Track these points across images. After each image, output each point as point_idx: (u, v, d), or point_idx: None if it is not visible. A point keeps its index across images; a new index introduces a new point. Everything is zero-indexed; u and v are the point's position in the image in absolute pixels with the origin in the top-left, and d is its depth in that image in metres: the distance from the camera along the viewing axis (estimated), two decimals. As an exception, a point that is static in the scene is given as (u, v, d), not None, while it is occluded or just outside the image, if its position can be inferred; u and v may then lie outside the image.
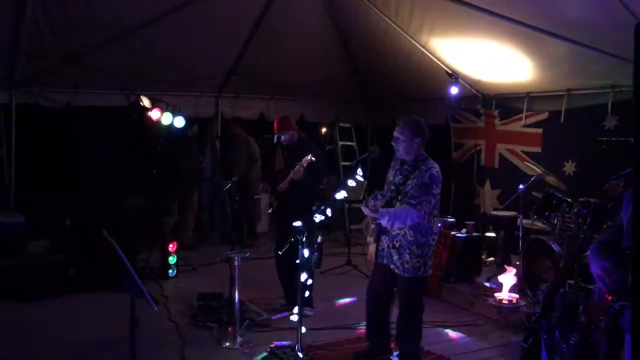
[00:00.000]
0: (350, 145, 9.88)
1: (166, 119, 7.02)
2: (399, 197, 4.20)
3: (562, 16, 5.54)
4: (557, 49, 6.14)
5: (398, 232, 4.20)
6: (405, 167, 4.28)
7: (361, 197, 4.72)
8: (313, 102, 9.79)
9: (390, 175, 4.42)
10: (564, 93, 6.98)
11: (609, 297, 3.11)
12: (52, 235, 7.09)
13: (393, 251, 4.22)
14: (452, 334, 5.52)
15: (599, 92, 6.54)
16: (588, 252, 4.04)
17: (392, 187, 4.30)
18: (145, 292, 3.52)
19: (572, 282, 4.69)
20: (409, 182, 4.17)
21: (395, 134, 4.29)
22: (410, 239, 4.15)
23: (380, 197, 4.37)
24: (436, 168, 4.21)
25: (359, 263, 7.46)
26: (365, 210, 4.21)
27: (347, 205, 8.84)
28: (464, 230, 6.84)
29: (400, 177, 4.28)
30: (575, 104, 6.92)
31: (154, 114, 6.99)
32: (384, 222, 4.12)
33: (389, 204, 4.25)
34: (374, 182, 4.54)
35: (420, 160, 4.24)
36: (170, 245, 7.11)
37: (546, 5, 5.54)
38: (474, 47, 7.05)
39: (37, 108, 7.94)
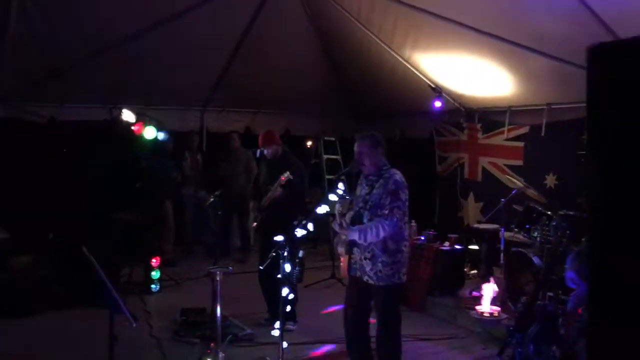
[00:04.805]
0: (335, 159, 9.92)
1: (149, 132, 7.02)
2: (367, 206, 4.25)
3: (542, 32, 5.64)
4: (537, 64, 6.23)
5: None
6: (370, 177, 4.34)
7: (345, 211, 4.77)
8: (299, 115, 9.84)
9: (358, 190, 4.48)
10: (545, 107, 7.07)
11: (579, 310, 3.15)
12: (35, 251, 7.04)
13: (365, 262, 4.25)
14: (434, 347, 5.53)
15: (578, 106, 6.63)
16: (567, 259, 4.12)
17: (360, 199, 4.36)
18: (124, 309, 3.51)
19: (551, 294, 4.72)
20: (375, 191, 4.23)
21: (357, 149, 4.34)
22: (381, 246, 4.19)
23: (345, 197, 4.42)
24: (398, 174, 4.28)
25: (343, 276, 7.46)
26: (337, 228, 4.27)
27: (331, 219, 8.84)
28: (447, 243, 6.88)
29: (366, 188, 4.35)
30: (556, 117, 7.01)
31: (137, 128, 6.98)
32: (356, 238, 4.16)
33: (358, 215, 4.30)
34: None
35: (383, 169, 4.31)
36: (154, 260, 7.08)
37: (526, 22, 5.64)
38: (457, 62, 7.14)
39: (21, 122, 7.91)
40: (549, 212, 5.81)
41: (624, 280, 1.92)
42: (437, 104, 7.89)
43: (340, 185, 4.50)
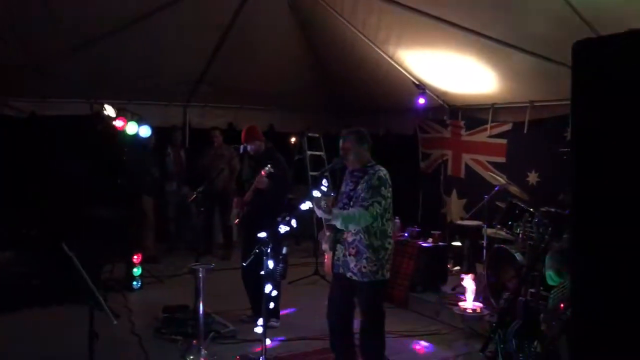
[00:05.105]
0: (319, 155, 9.89)
1: (131, 128, 6.94)
2: (351, 202, 4.25)
3: (526, 30, 5.67)
4: (520, 62, 6.27)
5: (353, 238, 4.22)
6: (355, 173, 4.35)
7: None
8: (282, 111, 9.82)
9: (342, 187, 4.47)
10: (527, 104, 7.13)
11: (562, 305, 3.16)
12: (17, 247, 6.92)
13: (350, 258, 4.25)
14: (417, 343, 5.54)
15: (560, 103, 6.69)
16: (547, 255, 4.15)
17: (344, 195, 4.36)
18: (105, 306, 3.47)
19: (533, 290, 4.74)
20: (359, 187, 4.24)
21: (343, 144, 4.34)
22: (365, 243, 4.18)
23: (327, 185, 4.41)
24: (383, 171, 4.29)
25: (326, 273, 7.44)
26: (319, 212, 4.21)
27: (315, 215, 8.83)
28: (430, 240, 6.90)
29: (350, 184, 4.35)
30: (538, 115, 7.07)
31: (118, 123, 6.90)
32: (337, 223, 4.14)
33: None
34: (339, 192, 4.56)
35: (368, 166, 4.32)
36: (135, 257, 7.01)
37: (510, 20, 5.67)
38: (441, 59, 7.16)
39: (1, 117, 7.79)
40: (531, 209, 5.85)
41: (606, 276, 1.93)
42: (421, 100, 7.92)
43: (324, 182, 4.49)
